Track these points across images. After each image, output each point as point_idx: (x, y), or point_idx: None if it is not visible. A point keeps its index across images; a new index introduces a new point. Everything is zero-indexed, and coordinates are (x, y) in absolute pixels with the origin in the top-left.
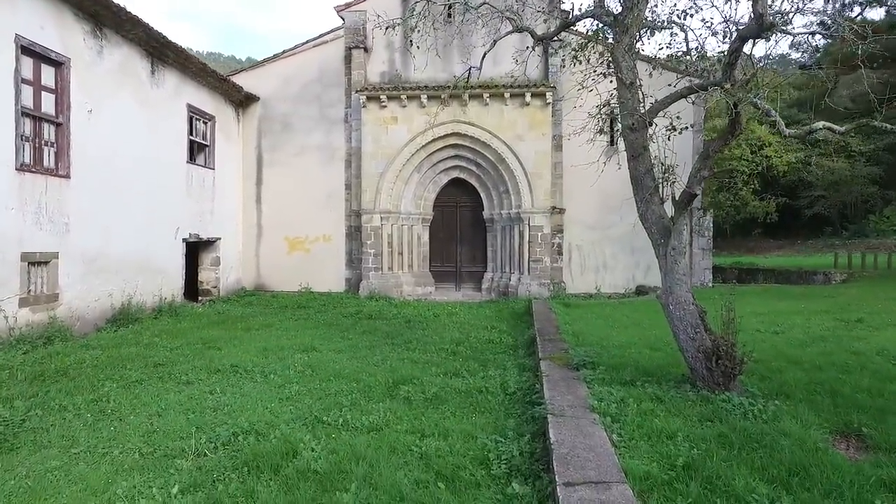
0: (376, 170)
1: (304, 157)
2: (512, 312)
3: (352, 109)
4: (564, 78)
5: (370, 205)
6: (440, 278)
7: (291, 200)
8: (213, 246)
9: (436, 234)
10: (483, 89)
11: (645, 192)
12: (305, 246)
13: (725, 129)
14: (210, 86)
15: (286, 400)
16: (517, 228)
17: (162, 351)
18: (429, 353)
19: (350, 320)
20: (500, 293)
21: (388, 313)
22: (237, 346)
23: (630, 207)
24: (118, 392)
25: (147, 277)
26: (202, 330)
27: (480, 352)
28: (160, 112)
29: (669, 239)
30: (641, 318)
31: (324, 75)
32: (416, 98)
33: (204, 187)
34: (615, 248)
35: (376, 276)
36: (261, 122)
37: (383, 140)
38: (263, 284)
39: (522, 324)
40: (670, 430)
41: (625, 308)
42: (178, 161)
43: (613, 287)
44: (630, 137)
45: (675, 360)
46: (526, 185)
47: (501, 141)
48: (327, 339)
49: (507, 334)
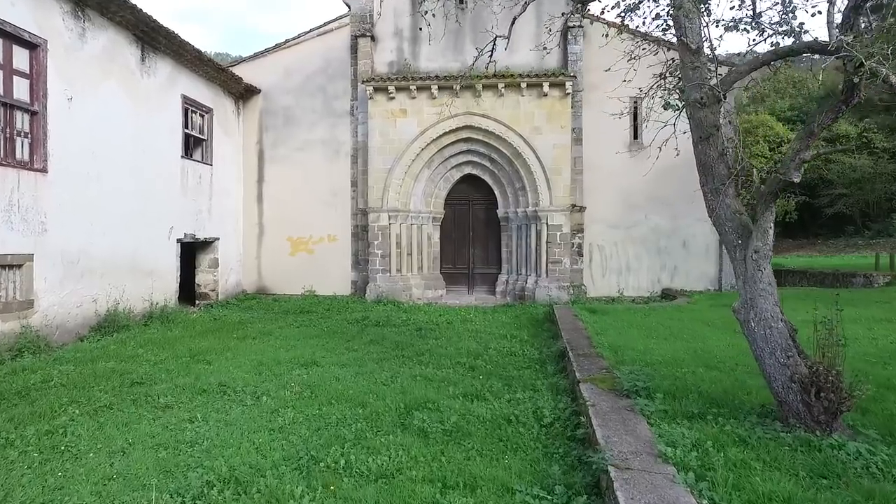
0: (384, 165)
1: (308, 152)
2: (531, 319)
3: (358, 102)
4: (585, 67)
5: (377, 203)
6: (451, 281)
7: (294, 198)
8: (210, 247)
9: (447, 233)
10: (498, 79)
11: (717, 182)
12: (309, 247)
13: (837, 99)
14: (207, 76)
15: (278, 431)
16: (534, 228)
17: (143, 366)
18: (444, 369)
19: (356, 327)
20: (515, 297)
21: (396, 319)
22: (229, 360)
23: (655, 205)
24: (81, 420)
25: (137, 281)
26: (193, 339)
27: (502, 367)
28: (152, 103)
29: (749, 239)
30: (679, 327)
31: (328, 66)
32: (427, 89)
33: (201, 184)
34: (639, 249)
35: (384, 279)
36: (262, 116)
37: (391, 134)
38: (265, 287)
39: (545, 332)
40: (782, 495)
41: (656, 315)
42: (172, 156)
43: (637, 290)
44: (698, 115)
45: (741, 384)
46: (544, 182)
47: (517, 134)
48: (330, 351)
49: (530, 345)
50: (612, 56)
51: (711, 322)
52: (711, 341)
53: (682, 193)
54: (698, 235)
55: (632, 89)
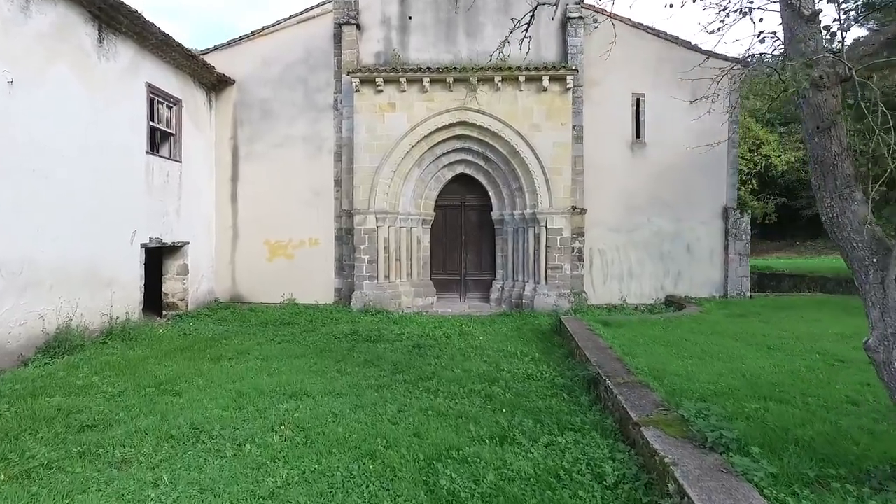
0: (371, 164)
1: (288, 149)
2: (535, 331)
3: (342, 95)
4: (586, 61)
5: (364, 204)
6: (442, 287)
7: (272, 199)
8: (179, 252)
9: (437, 237)
10: (494, 72)
11: (838, 184)
12: (289, 251)
13: None
14: (175, 63)
15: (269, 499)
16: (532, 231)
17: (97, 400)
18: (457, 399)
19: (345, 343)
20: (511, 305)
21: (389, 333)
22: (202, 390)
23: (658, 207)
24: (3, 491)
25: (94, 292)
26: (159, 361)
27: (524, 395)
28: (111, 91)
29: (889, 258)
30: (707, 343)
31: (310, 56)
32: (417, 82)
33: (168, 183)
34: (641, 254)
35: (371, 286)
36: (237, 109)
37: (379, 129)
38: (240, 295)
39: (556, 348)
40: None
41: (676, 328)
42: (134, 151)
43: (640, 297)
44: (815, 99)
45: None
46: (543, 182)
47: (515, 131)
48: (320, 375)
49: (545, 364)
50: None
51: (737, 336)
52: (751, 361)
53: (685, 195)
54: (702, 239)
55: (633, 84)
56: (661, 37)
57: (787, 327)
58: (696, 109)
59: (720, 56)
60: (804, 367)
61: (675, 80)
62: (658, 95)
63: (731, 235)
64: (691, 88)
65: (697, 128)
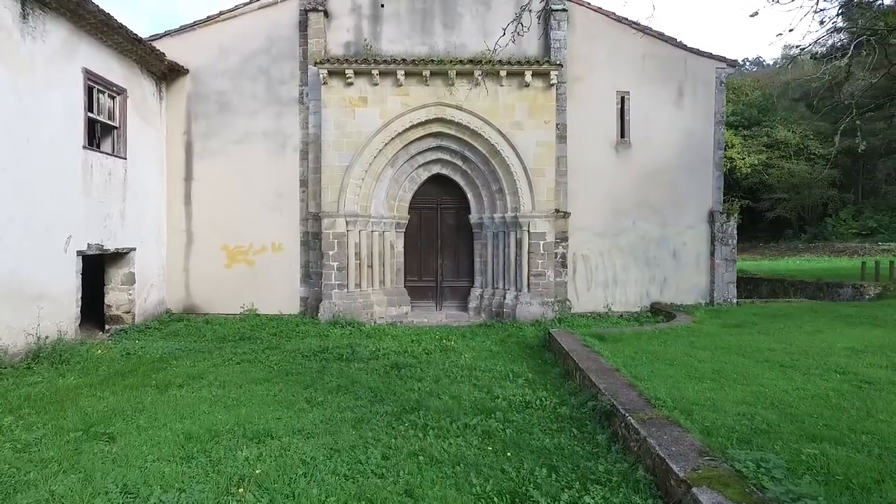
0: (340, 162)
1: (248, 146)
2: (522, 345)
3: (309, 88)
4: (569, 56)
5: (332, 206)
6: (417, 295)
7: (231, 200)
8: (124, 259)
9: (412, 241)
10: (474, 65)
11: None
12: (249, 257)
13: None
14: (119, 48)
15: None
16: (513, 236)
17: (5, 452)
18: (450, 437)
19: (314, 363)
20: (492, 314)
21: (363, 350)
22: (142, 433)
23: (643, 210)
24: None
25: (16, 309)
26: (93, 392)
27: (528, 431)
28: (40, 76)
29: None
30: (714, 361)
31: (272, 45)
32: (391, 74)
33: (111, 182)
34: (626, 259)
35: (341, 296)
36: (191, 102)
37: (349, 126)
38: (195, 306)
39: (549, 366)
40: None
41: (673, 342)
42: (69, 146)
43: (625, 305)
44: None
45: None
46: (525, 184)
47: (495, 129)
48: (287, 406)
49: (542, 388)
50: (598, 44)
51: (742, 351)
52: (770, 383)
53: (671, 198)
54: (689, 244)
55: (618, 81)
56: (646, 32)
57: (790, 340)
58: (683, 109)
59: (706, 54)
60: (831, 390)
61: (661, 78)
62: (643, 94)
63: (718, 240)
64: (678, 87)
65: (683, 128)
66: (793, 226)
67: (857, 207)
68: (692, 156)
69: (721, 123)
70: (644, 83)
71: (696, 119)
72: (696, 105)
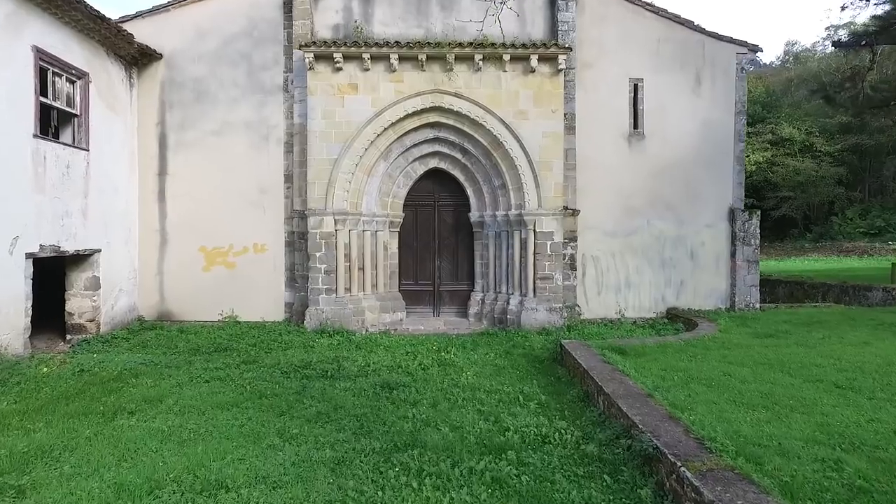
0: (328, 155)
1: (228, 137)
2: (529, 357)
3: (294, 74)
4: (578, 40)
5: (320, 203)
6: (413, 300)
7: (209, 197)
8: (87, 262)
9: (407, 242)
10: (475, 49)
11: None
12: (229, 259)
13: None
14: (78, 27)
15: None
16: (518, 235)
17: None
18: (452, 489)
19: (293, 382)
20: (494, 321)
21: (350, 365)
22: (63, 484)
23: (658, 208)
24: None
25: None
26: (23, 422)
27: (549, 480)
28: None
29: None
30: (755, 379)
31: (254, 27)
32: (384, 59)
33: (69, 176)
34: (640, 261)
35: (329, 301)
36: (165, 89)
37: (338, 115)
38: (170, 312)
39: (563, 385)
40: None
41: (703, 356)
42: (14, 133)
43: (638, 310)
44: None
45: None
46: (530, 178)
47: (498, 119)
48: (254, 442)
49: (559, 415)
50: (609, 28)
51: (786, 367)
52: (835, 413)
53: (688, 194)
54: (707, 243)
55: (630, 68)
56: (661, 15)
57: (837, 354)
58: (701, 98)
59: (727, 38)
60: None
61: (678, 65)
62: (658, 81)
63: (739, 240)
64: (695, 74)
65: (701, 118)
66: (798, 225)
67: (863, 206)
68: (711, 148)
69: (742, 114)
70: (659, 70)
71: (715, 109)
72: (716, 94)
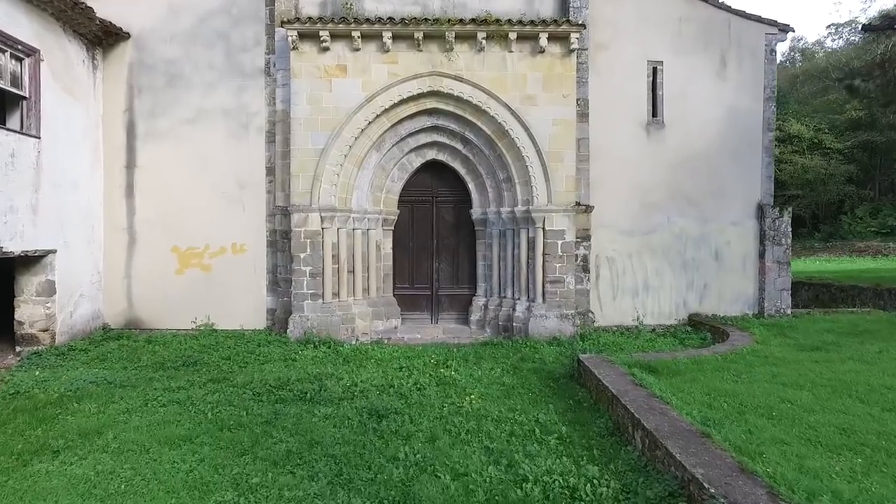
0: (314, 145)
1: (204, 126)
2: (541, 374)
3: (277, 56)
4: (591, 18)
5: (305, 198)
6: (408, 305)
7: (183, 192)
8: (39, 264)
9: (402, 241)
10: (477, 26)
11: None
12: (205, 261)
13: None
14: None
15: None
16: (525, 234)
17: None
18: None
19: (265, 409)
20: (498, 328)
21: (334, 384)
22: None
23: (679, 204)
24: None
25: None
26: None
27: None
28: None
29: None
30: (821, 408)
31: (234, 3)
32: (376, 37)
33: (14, 166)
34: (659, 262)
35: (315, 308)
36: (133, 72)
37: (325, 100)
38: (138, 320)
39: (587, 412)
40: None
41: (747, 375)
42: None
43: (658, 317)
44: None
45: None
46: (539, 171)
47: (503, 105)
48: (201, 497)
49: (586, 455)
50: (625, 5)
51: (852, 391)
52: None
53: (712, 188)
54: (733, 243)
55: (649, 49)
56: None
57: None
58: (726, 82)
59: (755, 17)
60: None
61: (701, 46)
62: (679, 64)
63: (769, 239)
64: (720, 56)
65: (727, 105)
66: (806, 224)
67: (874, 205)
68: (737, 138)
69: (771, 100)
70: (680, 52)
71: (742, 95)
72: (742, 78)
